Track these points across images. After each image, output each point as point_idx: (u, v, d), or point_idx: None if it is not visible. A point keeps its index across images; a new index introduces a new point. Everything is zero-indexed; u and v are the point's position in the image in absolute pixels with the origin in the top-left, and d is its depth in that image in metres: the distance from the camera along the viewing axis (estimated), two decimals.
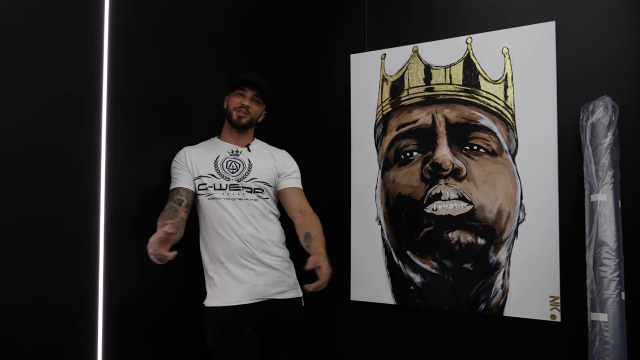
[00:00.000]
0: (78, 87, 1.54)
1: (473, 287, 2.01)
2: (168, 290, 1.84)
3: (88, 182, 1.55)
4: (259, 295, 1.78)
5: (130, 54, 1.72)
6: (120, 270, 1.63)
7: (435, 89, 2.12)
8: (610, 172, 1.68)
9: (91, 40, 1.58)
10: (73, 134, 1.52)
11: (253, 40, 2.39)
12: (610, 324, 1.58)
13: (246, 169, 1.85)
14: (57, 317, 1.45)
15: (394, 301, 2.17)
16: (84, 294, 1.53)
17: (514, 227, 1.95)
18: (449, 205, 2.07)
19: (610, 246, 1.63)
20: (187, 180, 1.80)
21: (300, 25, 2.53)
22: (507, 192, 1.97)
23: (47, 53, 1.45)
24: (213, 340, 1.73)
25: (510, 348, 1.96)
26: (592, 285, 1.64)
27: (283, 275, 1.85)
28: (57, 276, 1.46)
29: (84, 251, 1.53)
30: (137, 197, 1.73)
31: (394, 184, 2.19)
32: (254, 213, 1.81)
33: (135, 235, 1.70)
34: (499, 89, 2.00)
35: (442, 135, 2.10)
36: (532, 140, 1.94)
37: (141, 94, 1.76)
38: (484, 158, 2.02)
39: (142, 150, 1.77)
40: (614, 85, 1.82)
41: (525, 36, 1.97)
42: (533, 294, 1.90)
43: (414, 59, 2.18)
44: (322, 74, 2.44)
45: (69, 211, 1.49)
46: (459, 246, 2.04)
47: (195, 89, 2.02)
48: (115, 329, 1.60)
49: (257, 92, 1.88)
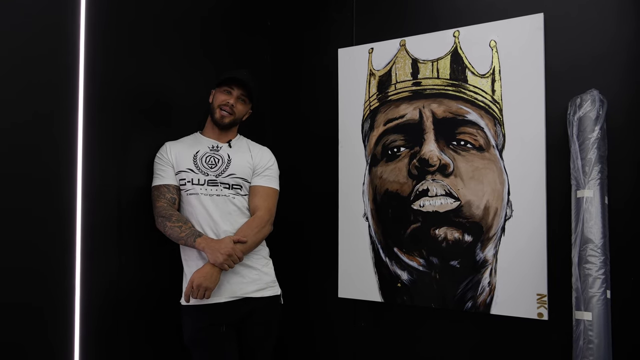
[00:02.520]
0: (53, 82, 1.51)
1: (460, 285, 1.98)
2: (146, 288, 1.82)
3: (64, 181, 1.53)
4: (235, 294, 1.76)
5: (109, 47, 1.69)
6: (98, 270, 1.61)
7: (422, 84, 2.09)
8: (597, 167, 1.64)
9: (67, 34, 1.55)
10: (48, 132, 1.49)
11: (240, 35, 2.37)
12: (595, 322, 1.54)
13: (225, 165, 1.83)
14: (33, 318, 1.43)
15: (382, 299, 2.14)
16: (60, 294, 1.51)
17: (501, 223, 1.92)
18: (436, 201, 2.03)
19: (596, 243, 1.59)
20: (172, 177, 1.79)
21: (288, 20, 2.50)
22: (494, 188, 1.93)
23: (21, 47, 1.42)
24: (189, 338, 1.73)
25: (497, 346, 1.93)
26: (577, 283, 1.61)
27: (260, 273, 1.82)
28: (33, 276, 1.43)
29: (60, 250, 1.51)
30: (115, 196, 1.71)
31: (381, 180, 2.16)
32: (230, 210, 1.79)
33: (114, 234, 1.69)
34: (487, 83, 1.97)
35: (429, 131, 2.06)
36: (520, 135, 1.90)
37: (120, 89, 1.73)
38: (471, 153, 1.98)
39: (120, 147, 1.74)
40: (603, 78, 1.78)
41: (513, 29, 1.92)
42: (520, 291, 1.86)
43: (401, 53, 2.14)
44: (310, 68, 2.42)
45: (44, 210, 1.47)
46: (445, 243, 2.01)
47: (178, 84, 1.99)
48: (93, 328, 1.59)
49: (244, 91, 1.87)
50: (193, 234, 1.70)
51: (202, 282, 1.64)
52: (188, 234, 1.69)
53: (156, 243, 1.81)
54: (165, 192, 1.77)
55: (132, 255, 1.76)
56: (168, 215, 1.72)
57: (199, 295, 1.64)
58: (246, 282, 1.78)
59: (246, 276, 1.78)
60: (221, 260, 1.65)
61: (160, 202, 1.75)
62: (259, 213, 1.82)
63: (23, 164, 1.43)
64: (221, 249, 1.66)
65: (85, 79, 1.59)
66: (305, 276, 2.35)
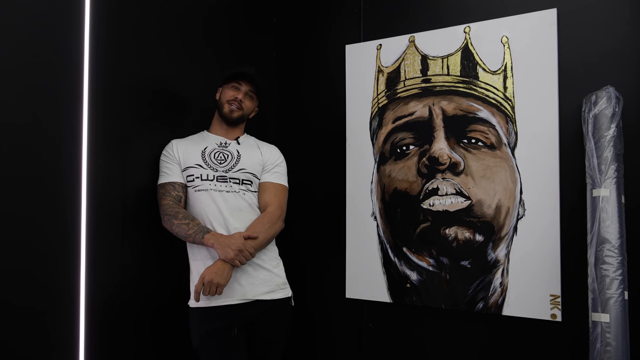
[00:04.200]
0: (57, 80, 1.47)
1: (471, 285, 1.94)
2: (152, 289, 1.78)
3: (68, 180, 1.49)
4: (246, 296, 1.71)
5: (113, 44, 1.65)
6: (102, 270, 1.58)
7: (432, 80, 2.05)
8: (614, 165, 1.60)
9: (71, 31, 1.52)
10: (52, 130, 1.46)
11: (245, 32, 2.33)
12: (613, 324, 1.51)
13: (234, 160, 1.79)
14: (36, 320, 1.40)
15: (390, 299, 2.11)
16: (64, 295, 1.47)
17: (513, 223, 1.88)
18: (446, 200, 2.00)
19: (613, 243, 1.55)
20: (179, 174, 1.75)
21: (294, 16, 2.46)
22: (506, 186, 1.90)
23: (24, 45, 1.39)
24: (198, 341, 1.68)
25: (509, 348, 1.89)
26: (594, 285, 1.57)
27: (271, 274, 1.78)
28: (37, 278, 1.40)
29: (65, 249, 1.48)
30: (120, 195, 1.67)
31: (389, 179, 2.13)
32: (241, 206, 1.75)
33: (119, 233, 1.65)
34: (498, 80, 1.93)
35: (439, 128, 2.03)
36: (533, 133, 1.86)
37: (125, 87, 1.70)
38: (483, 152, 1.94)
39: (125, 146, 1.71)
40: (617, 75, 1.74)
41: (525, 24, 1.88)
42: (533, 292, 1.83)
43: (411, 49, 2.10)
44: (317, 65, 2.38)
45: (48, 210, 1.44)
46: (456, 243, 1.97)
47: (182, 82, 1.95)
48: (98, 331, 1.55)
49: (252, 87, 1.84)
50: (201, 230, 1.65)
51: (213, 277, 1.58)
52: (196, 230, 1.65)
53: (162, 243, 1.78)
54: (171, 189, 1.73)
55: (138, 255, 1.72)
56: (174, 213, 1.68)
57: (210, 291, 1.58)
58: (257, 283, 1.73)
59: (257, 277, 1.73)
60: (232, 256, 1.60)
61: (165, 200, 1.71)
62: (270, 209, 1.78)
63: (27, 163, 1.39)
64: (231, 244, 1.61)
65: (89, 76, 1.55)
66: (311, 276, 2.32)
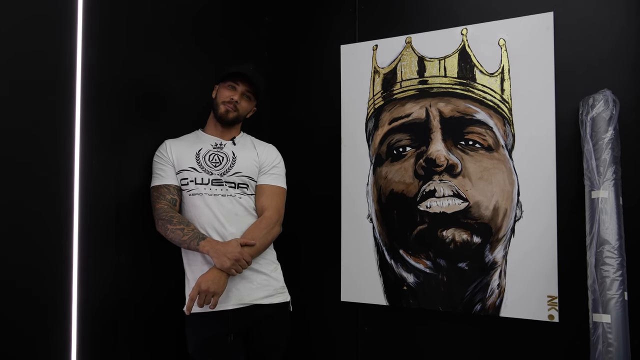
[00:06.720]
0: (50, 79, 1.41)
1: (468, 287, 1.94)
2: (147, 290, 1.72)
3: (61, 180, 1.43)
4: (243, 300, 1.66)
5: (105, 43, 1.59)
6: (95, 270, 1.52)
7: (429, 82, 2.05)
8: (612, 168, 1.62)
9: (64, 30, 1.46)
10: (44, 130, 1.39)
11: (238, 31, 2.28)
12: (614, 325, 1.52)
13: (230, 163, 1.74)
14: (28, 319, 1.34)
15: (387, 302, 2.09)
16: (56, 295, 1.41)
17: (510, 224, 1.89)
18: (444, 202, 1.99)
19: (613, 244, 1.57)
20: (173, 176, 1.70)
21: (288, 15, 2.43)
22: (503, 188, 1.90)
23: (16, 44, 1.32)
24: (194, 348, 1.63)
25: (507, 350, 1.89)
26: (594, 285, 1.58)
27: (269, 279, 1.73)
28: (29, 277, 1.34)
29: (57, 251, 1.42)
30: (113, 195, 1.61)
31: (386, 181, 2.11)
32: (237, 210, 1.70)
33: (111, 234, 1.59)
34: (496, 82, 1.93)
35: (436, 130, 2.02)
36: (530, 135, 1.87)
37: (117, 86, 1.64)
38: (480, 153, 1.95)
39: (118, 146, 1.64)
40: (614, 78, 1.76)
41: (522, 27, 1.90)
42: (530, 293, 1.84)
43: (407, 50, 2.10)
44: (311, 65, 2.35)
45: (41, 209, 1.38)
46: (453, 245, 1.97)
47: (175, 81, 1.90)
48: (90, 332, 1.49)
49: (250, 88, 1.78)
50: (196, 236, 1.60)
51: (209, 286, 1.54)
52: (191, 236, 1.60)
53: (157, 244, 1.72)
54: (165, 192, 1.67)
55: (131, 255, 1.66)
56: (169, 217, 1.63)
57: (206, 301, 1.54)
58: (254, 287, 1.68)
59: (254, 281, 1.69)
60: (228, 265, 1.56)
61: (160, 203, 1.66)
62: (267, 213, 1.74)
63: (19, 163, 1.33)
64: (228, 252, 1.57)
65: (82, 76, 1.50)
66: (306, 279, 2.28)
